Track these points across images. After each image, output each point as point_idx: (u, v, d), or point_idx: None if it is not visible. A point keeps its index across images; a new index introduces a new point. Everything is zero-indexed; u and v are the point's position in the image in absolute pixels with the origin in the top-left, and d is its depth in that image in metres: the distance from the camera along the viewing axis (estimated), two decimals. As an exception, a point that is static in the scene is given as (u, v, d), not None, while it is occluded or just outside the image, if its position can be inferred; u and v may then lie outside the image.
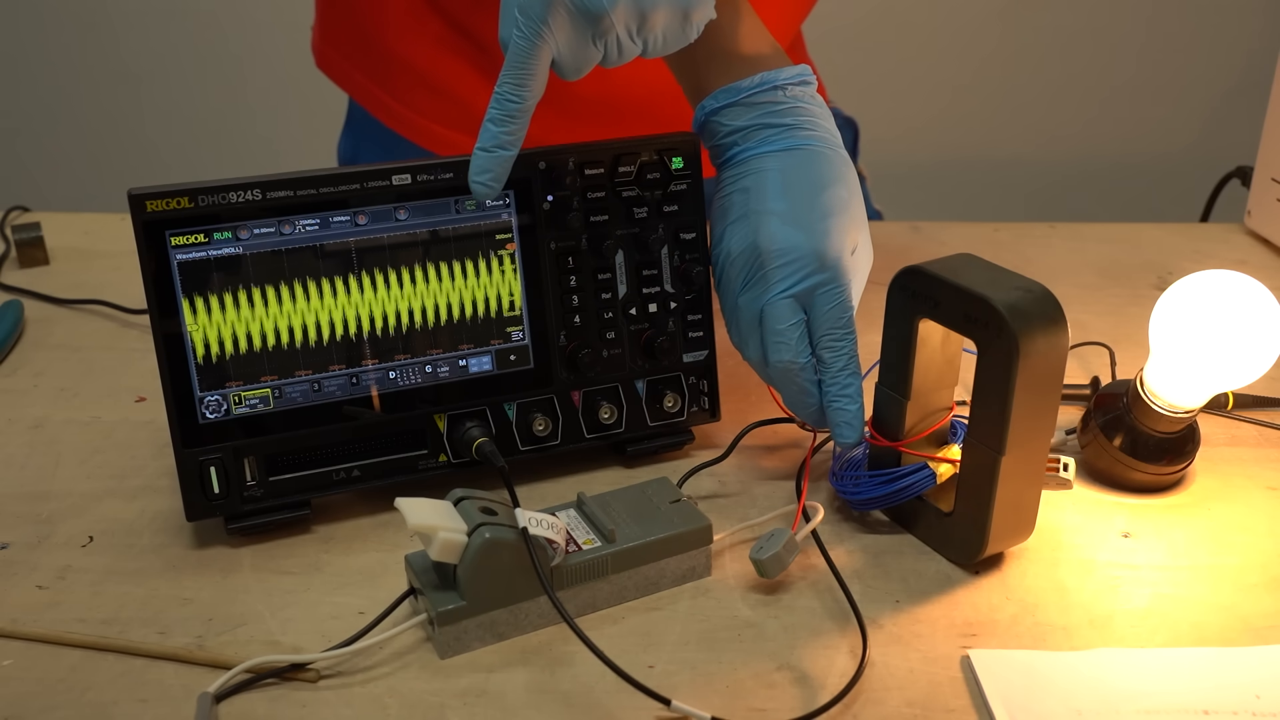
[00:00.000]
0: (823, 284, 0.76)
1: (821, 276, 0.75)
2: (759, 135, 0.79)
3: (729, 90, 0.79)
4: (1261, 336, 0.76)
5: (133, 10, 2.38)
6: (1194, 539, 0.77)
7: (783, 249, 0.76)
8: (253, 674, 0.65)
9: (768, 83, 0.78)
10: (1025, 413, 0.68)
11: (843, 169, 0.79)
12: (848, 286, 0.76)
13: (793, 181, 0.77)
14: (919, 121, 2.28)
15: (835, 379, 0.76)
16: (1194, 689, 0.64)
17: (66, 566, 0.74)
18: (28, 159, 2.49)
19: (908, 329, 0.73)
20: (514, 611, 0.68)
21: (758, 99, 0.78)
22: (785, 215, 0.76)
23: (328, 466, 0.77)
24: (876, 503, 0.76)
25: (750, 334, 0.78)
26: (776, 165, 0.78)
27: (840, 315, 0.76)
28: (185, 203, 0.71)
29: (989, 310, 0.68)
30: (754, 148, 0.79)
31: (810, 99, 0.80)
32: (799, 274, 0.76)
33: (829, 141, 0.79)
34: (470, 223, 0.77)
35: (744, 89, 0.78)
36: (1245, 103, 1.83)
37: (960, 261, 0.73)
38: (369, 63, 1.12)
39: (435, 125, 1.11)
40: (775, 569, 0.71)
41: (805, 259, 0.75)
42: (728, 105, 0.79)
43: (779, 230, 0.76)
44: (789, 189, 0.77)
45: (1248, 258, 1.19)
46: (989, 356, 0.69)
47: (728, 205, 0.79)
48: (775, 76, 0.78)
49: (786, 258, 0.76)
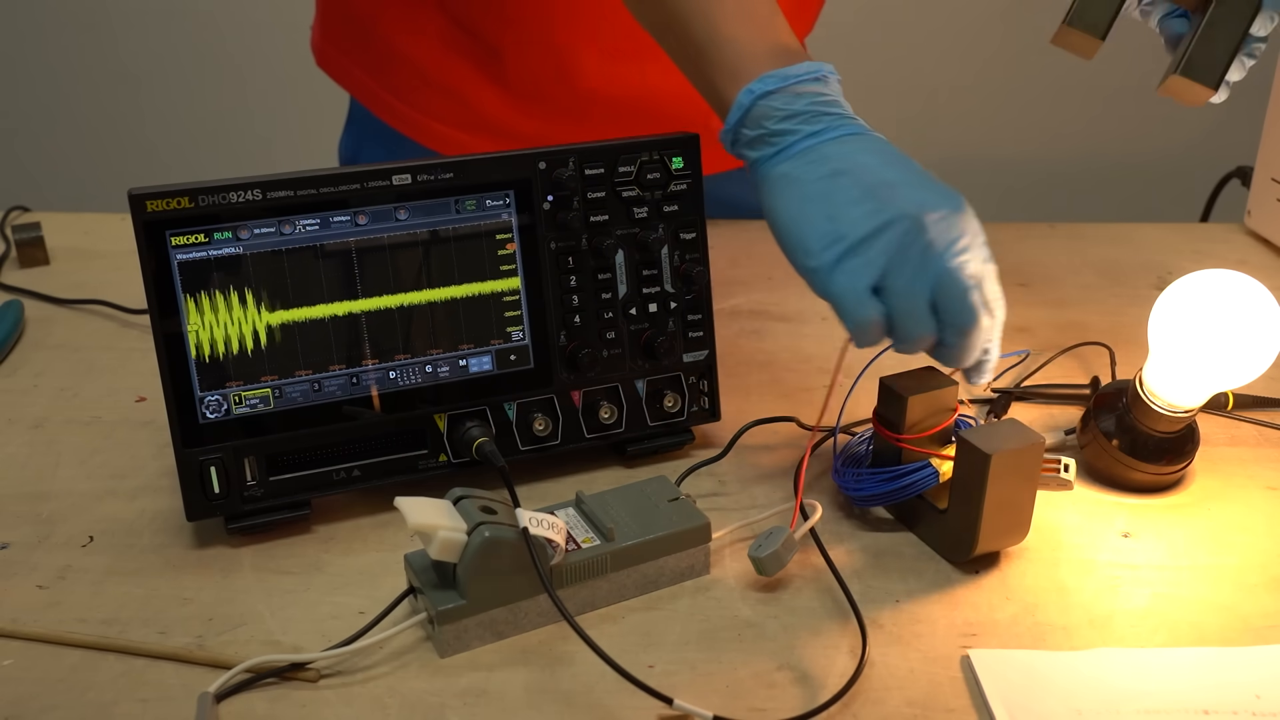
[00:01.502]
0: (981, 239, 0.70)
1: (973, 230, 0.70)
2: (820, 121, 0.73)
3: (777, 76, 0.74)
4: (1261, 336, 0.76)
5: (132, 10, 2.38)
6: (1194, 539, 0.77)
7: (935, 209, 0.69)
8: (253, 674, 0.65)
9: (814, 72, 0.74)
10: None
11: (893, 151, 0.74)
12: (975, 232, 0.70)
13: (888, 159, 0.72)
14: (919, 121, 2.28)
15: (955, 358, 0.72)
16: (1194, 689, 0.64)
17: (66, 566, 0.74)
18: (28, 159, 2.49)
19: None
20: (514, 610, 0.68)
21: (804, 87, 0.74)
22: (912, 183, 0.71)
23: (328, 466, 0.77)
24: (878, 499, 0.76)
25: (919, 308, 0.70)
26: (859, 147, 0.72)
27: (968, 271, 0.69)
28: (185, 203, 0.71)
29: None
30: (822, 133, 0.73)
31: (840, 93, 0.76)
32: (968, 234, 0.69)
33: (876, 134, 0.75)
34: (470, 223, 0.77)
35: (794, 75, 0.74)
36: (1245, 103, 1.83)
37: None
38: (370, 60, 1.12)
39: (437, 123, 1.11)
40: (774, 567, 0.71)
41: (955, 218, 0.69)
42: (777, 90, 0.73)
43: (917, 195, 0.70)
44: (890, 164, 0.72)
45: (1248, 258, 1.19)
46: (1232, 3, 0.78)
47: (821, 191, 0.72)
48: (820, 67, 0.75)
49: (943, 218, 0.69)
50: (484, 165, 0.76)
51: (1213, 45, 0.79)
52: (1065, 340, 1.00)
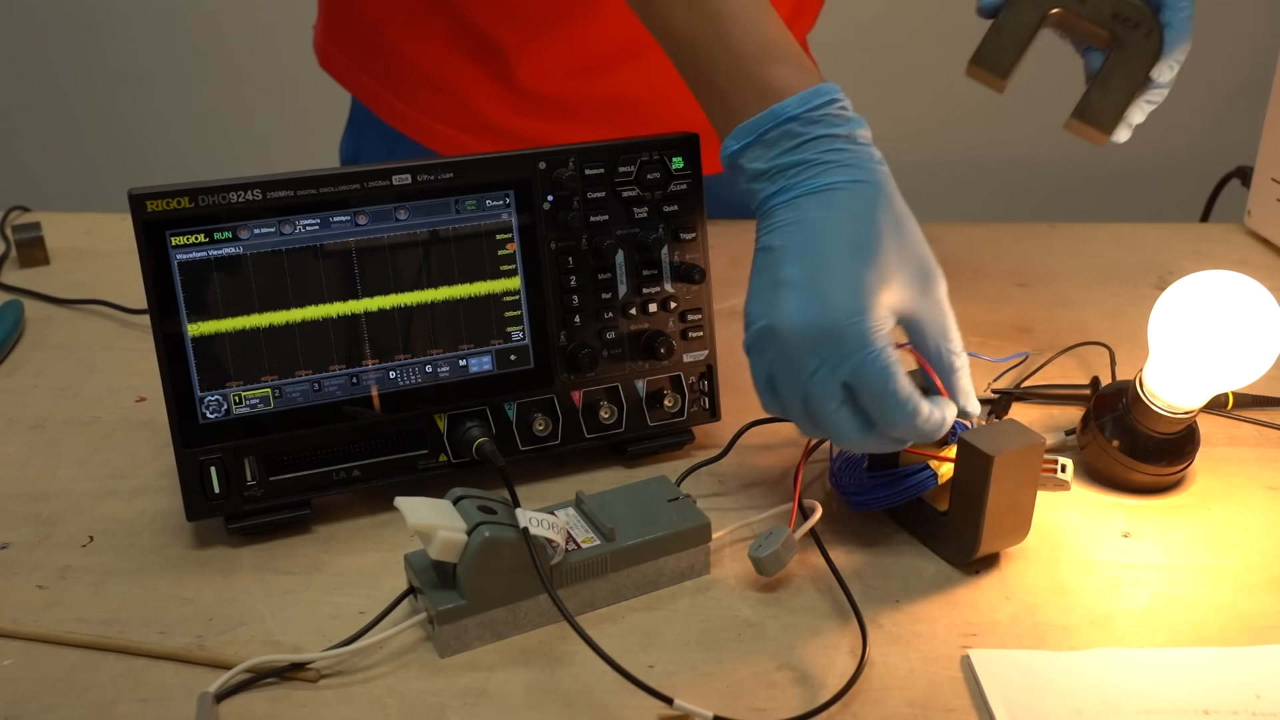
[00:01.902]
0: (848, 362, 0.67)
1: (842, 355, 0.67)
2: (781, 178, 0.70)
3: (744, 130, 0.71)
4: (1261, 337, 0.76)
5: (132, 10, 2.38)
6: (1194, 539, 0.77)
7: (801, 330, 0.67)
8: (253, 674, 0.65)
9: (779, 115, 0.70)
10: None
11: (872, 204, 0.69)
12: (878, 353, 0.67)
13: (811, 239, 0.69)
14: (920, 122, 2.28)
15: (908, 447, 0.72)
16: (1194, 689, 0.64)
17: (66, 566, 0.74)
18: (28, 159, 2.49)
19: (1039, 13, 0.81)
20: (514, 610, 0.68)
21: (772, 137, 0.70)
22: (799, 285, 0.68)
23: (328, 466, 0.77)
24: (877, 503, 0.76)
25: (798, 416, 0.71)
26: (794, 218, 0.69)
27: (881, 391, 0.67)
28: (185, 203, 0.71)
29: (1142, 11, 0.80)
30: (777, 195, 0.70)
31: (833, 122, 0.70)
32: (817, 358, 0.67)
33: (859, 170, 0.70)
34: (470, 223, 0.77)
35: (755, 127, 0.70)
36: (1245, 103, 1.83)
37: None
38: (373, 62, 1.12)
39: (439, 124, 1.11)
40: (774, 567, 0.71)
41: (823, 340, 0.67)
42: (746, 146, 0.71)
43: (794, 306, 0.68)
44: (805, 250, 0.68)
45: (1248, 258, 1.19)
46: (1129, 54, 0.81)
47: (755, 266, 0.71)
48: (784, 109, 0.70)
49: (805, 340, 0.67)
50: (484, 165, 0.76)
51: (1109, 92, 0.81)
52: (1065, 340, 1.00)
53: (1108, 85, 0.81)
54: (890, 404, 0.67)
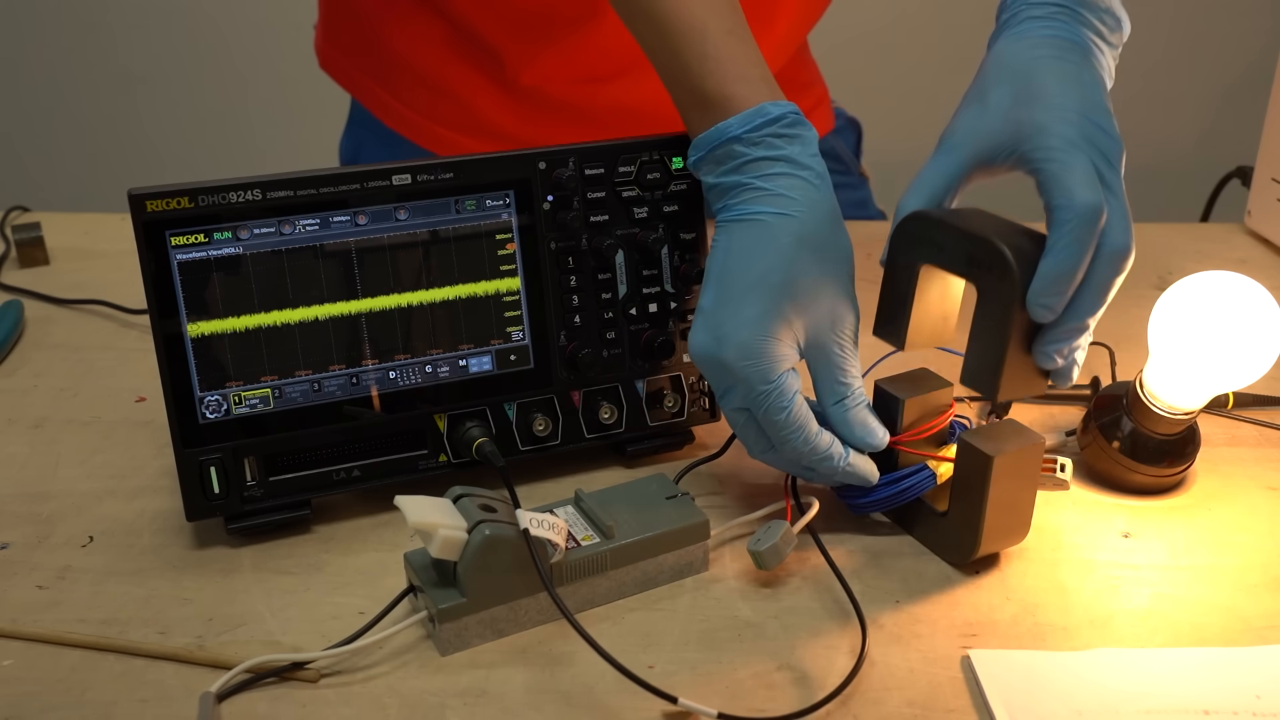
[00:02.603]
0: (745, 394, 0.71)
1: (739, 388, 0.71)
2: (723, 198, 0.73)
3: (697, 144, 0.73)
4: (1261, 337, 0.76)
5: (132, 11, 2.38)
6: (1194, 539, 0.77)
7: (701, 360, 0.72)
8: (253, 674, 0.65)
9: (723, 134, 0.71)
10: (1020, 359, 0.69)
11: (791, 240, 0.70)
12: (770, 390, 0.70)
13: (728, 269, 0.71)
14: (922, 122, 2.28)
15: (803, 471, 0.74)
16: (1194, 689, 0.64)
17: (66, 566, 0.74)
18: (28, 159, 2.49)
19: (909, 275, 0.73)
20: (514, 608, 0.68)
21: (718, 155, 0.72)
22: (707, 316, 0.72)
23: (328, 466, 0.77)
24: (876, 505, 0.76)
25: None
26: (724, 243, 0.72)
27: (773, 422, 0.71)
28: (185, 203, 0.71)
29: (992, 251, 0.67)
30: (720, 211, 0.73)
31: (774, 143, 0.71)
32: (722, 387, 0.72)
33: (789, 201, 0.70)
34: (470, 223, 0.77)
35: (705, 143, 0.72)
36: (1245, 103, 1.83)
37: (964, 211, 0.73)
38: (373, 64, 1.13)
39: (438, 126, 1.11)
40: (773, 560, 0.71)
41: (720, 373, 0.72)
42: (699, 160, 0.73)
43: (698, 337, 0.72)
44: (721, 280, 0.72)
45: (1248, 258, 1.19)
46: (989, 301, 0.68)
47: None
48: (727, 129, 0.71)
49: (706, 369, 0.73)
50: (484, 165, 0.76)
51: (976, 349, 0.70)
52: (1065, 340, 0.99)
53: (975, 342, 0.70)
54: (786, 434, 0.71)
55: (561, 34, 1.05)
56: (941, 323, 0.75)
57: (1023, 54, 0.73)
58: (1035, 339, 0.69)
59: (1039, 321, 0.68)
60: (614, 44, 1.02)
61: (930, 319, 0.74)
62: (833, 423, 0.73)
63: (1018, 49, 0.74)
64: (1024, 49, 0.73)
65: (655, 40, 0.74)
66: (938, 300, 0.74)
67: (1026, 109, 0.70)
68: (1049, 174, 0.68)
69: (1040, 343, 0.69)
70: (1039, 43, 0.73)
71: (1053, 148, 0.69)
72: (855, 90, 1.44)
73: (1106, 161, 0.69)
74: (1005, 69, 0.73)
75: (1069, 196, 0.67)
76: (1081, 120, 0.70)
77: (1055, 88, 0.71)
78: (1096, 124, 0.70)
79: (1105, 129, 0.70)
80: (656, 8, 0.73)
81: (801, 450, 0.71)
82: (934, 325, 0.75)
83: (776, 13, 1.07)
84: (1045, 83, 0.71)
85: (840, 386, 0.72)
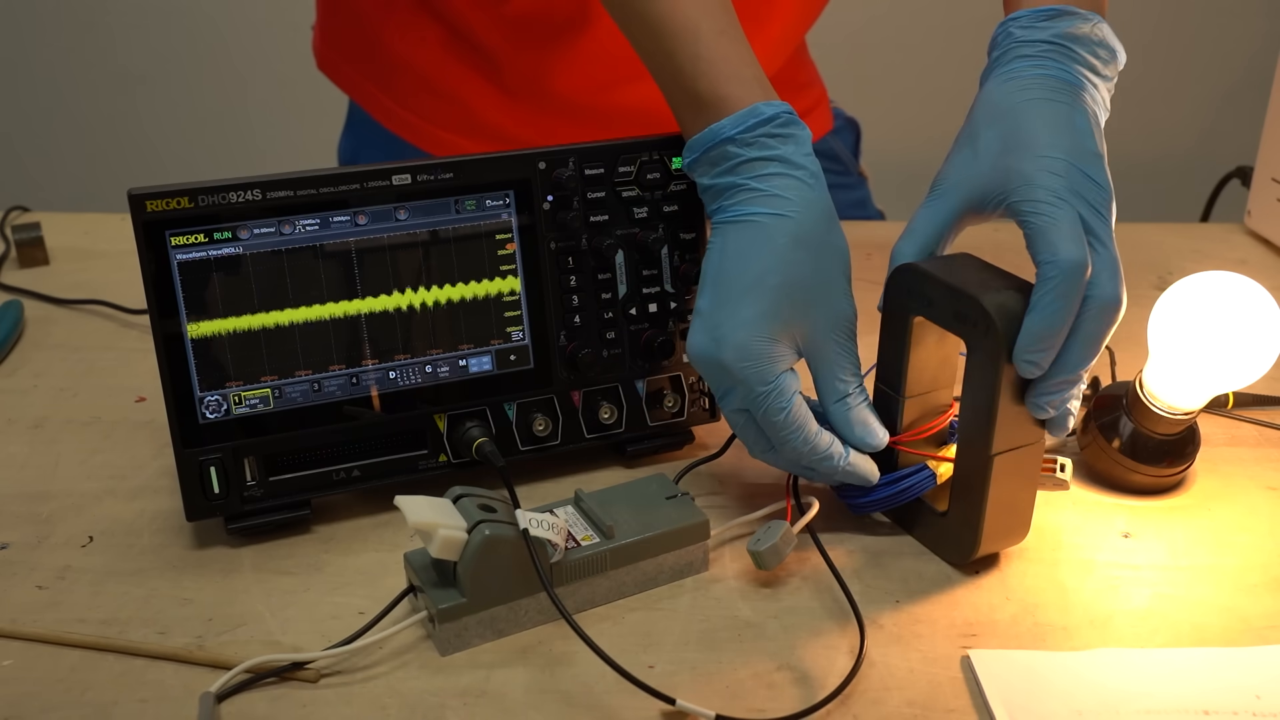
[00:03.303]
0: (744, 395, 0.71)
1: (738, 389, 0.71)
2: (717, 200, 0.73)
3: (691, 146, 0.73)
4: (1261, 337, 0.76)
5: (132, 11, 2.38)
6: (1194, 539, 0.77)
7: (700, 362, 0.72)
8: (253, 674, 0.65)
9: (716, 135, 0.71)
10: (1012, 413, 0.68)
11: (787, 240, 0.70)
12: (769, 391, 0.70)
13: (724, 271, 0.71)
14: (921, 122, 2.28)
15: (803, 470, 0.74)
16: (1194, 689, 0.64)
17: (66, 566, 0.74)
18: (28, 159, 2.49)
19: (903, 326, 0.73)
20: (514, 608, 0.68)
21: (712, 156, 0.72)
22: (705, 318, 0.72)
23: (328, 466, 0.77)
24: (876, 505, 0.76)
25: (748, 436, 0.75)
26: (719, 244, 0.72)
27: (773, 423, 0.71)
28: (185, 203, 0.71)
29: (978, 309, 0.68)
30: (715, 213, 0.73)
31: (768, 144, 0.71)
32: (721, 388, 0.72)
33: (784, 201, 0.70)
34: (470, 223, 0.77)
35: (699, 145, 0.72)
36: (1245, 103, 1.83)
37: (956, 260, 0.73)
38: (371, 66, 1.13)
39: (437, 129, 1.11)
40: (773, 560, 0.71)
41: (718, 374, 0.71)
42: (694, 161, 0.73)
43: (697, 339, 0.72)
44: (718, 281, 0.71)
45: (1248, 258, 1.19)
46: (978, 356, 0.69)
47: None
48: (721, 130, 0.71)
49: (705, 370, 0.73)
50: (484, 165, 0.76)
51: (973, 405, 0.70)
52: (1065, 340, 0.99)
53: (967, 394, 0.70)
54: (785, 434, 0.71)
55: (557, 37, 1.04)
56: (941, 367, 0.75)
57: (1013, 95, 0.72)
58: (1026, 390, 0.69)
59: (1026, 377, 0.68)
60: (610, 47, 1.02)
61: (930, 365, 0.75)
62: (833, 422, 0.73)
63: (1008, 90, 0.73)
64: (1014, 90, 0.73)
65: (648, 42, 0.74)
66: (935, 347, 0.74)
67: (1015, 157, 0.70)
68: (1035, 228, 0.68)
69: (1031, 394, 0.68)
70: (1030, 84, 0.72)
71: (1039, 200, 0.68)
72: (854, 90, 1.44)
73: (1095, 212, 0.69)
74: (995, 111, 0.73)
75: (1053, 252, 0.67)
76: (1069, 170, 0.69)
77: (1045, 135, 0.70)
78: (1085, 173, 0.69)
79: (1094, 177, 0.70)
80: (649, 9, 0.73)
81: (801, 450, 0.71)
82: (934, 371, 0.75)
83: (771, 13, 1.07)
84: (1035, 129, 0.70)
85: (841, 385, 0.72)
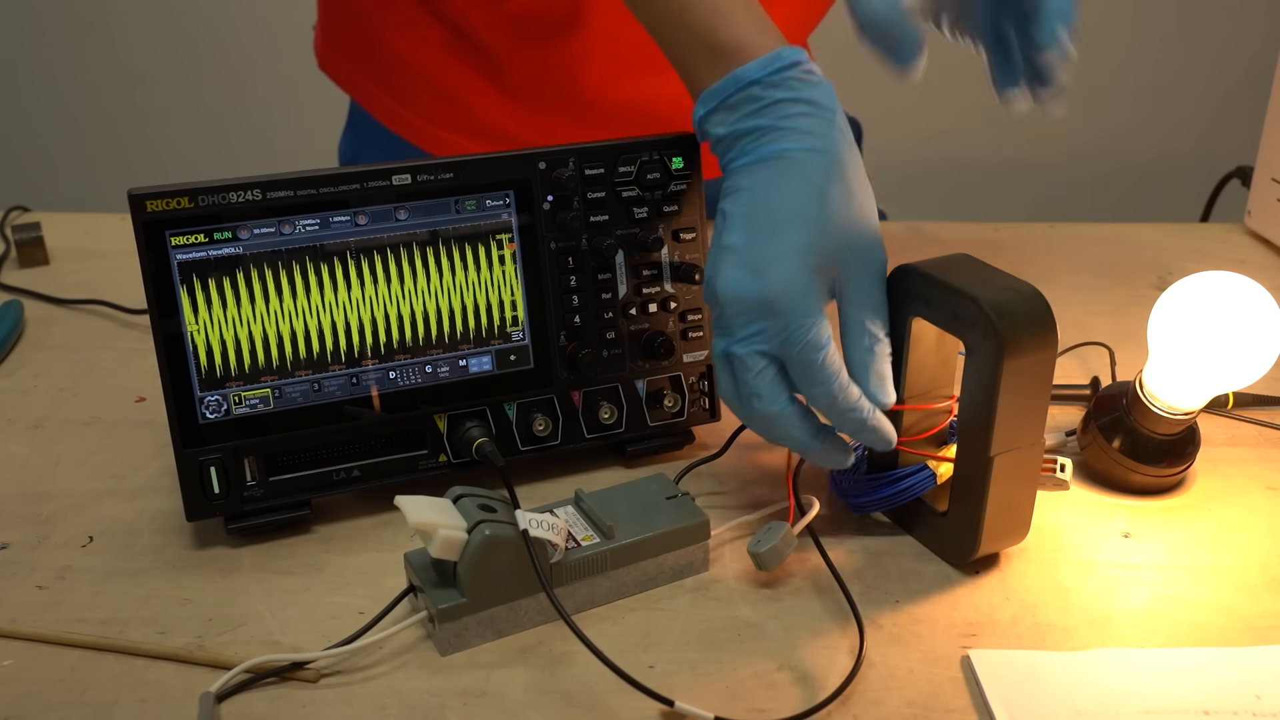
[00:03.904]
0: (781, 333, 0.69)
1: (776, 325, 0.68)
2: (738, 145, 0.71)
3: (709, 95, 0.71)
4: (1261, 337, 0.76)
5: (132, 11, 2.38)
6: (1194, 539, 0.77)
7: (735, 297, 0.69)
8: (253, 674, 0.65)
9: (740, 80, 0.70)
10: (1012, 414, 0.68)
11: (823, 174, 0.69)
12: (809, 325, 0.68)
13: (757, 206, 0.69)
14: (921, 122, 2.28)
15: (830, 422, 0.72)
16: (1194, 689, 0.64)
17: (66, 566, 0.74)
18: (28, 159, 2.49)
19: (902, 327, 0.73)
20: (514, 608, 0.68)
21: (734, 101, 0.71)
22: (740, 253, 0.69)
23: (328, 466, 0.77)
24: (875, 505, 0.76)
25: (723, 372, 0.72)
26: (747, 184, 0.70)
27: (810, 359, 0.68)
28: (185, 203, 0.71)
29: (976, 310, 0.68)
30: (735, 159, 0.71)
31: (795, 86, 0.70)
32: (753, 326, 0.69)
33: (815, 137, 0.70)
34: (470, 223, 0.77)
35: (720, 92, 0.71)
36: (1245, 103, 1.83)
37: (954, 261, 0.73)
38: (372, 66, 1.12)
39: (438, 129, 1.11)
40: (773, 561, 0.71)
41: (756, 309, 0.68)
42: (710, 112, 0.72)
43: (732, 274, 0.69)
44: (750, 217, 0.69)
45: (1248, 258, 1.19)
46: (976, 357, 0.69)
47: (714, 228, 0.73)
48: (745, 73, 0.70)
49: (738, 307, 0.69)
50: (484, 165, 0.76)
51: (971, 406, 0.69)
52: (1065, 340, 0.99)
53: (965, 395, 0.70)
54: (819, 377, 0.69)
55: (556, 35, 1.04)
56: (940, 368, 0.75)
57: None
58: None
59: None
60: (609, 45, 1.02)
61: (929, 366, 0.74)
62: (853, 369, 0.71)
63: None
64: None
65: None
66: (934, 348, 0.74)
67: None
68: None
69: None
70: None
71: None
72: (855, 90, 1.44)
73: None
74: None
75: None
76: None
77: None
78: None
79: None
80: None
81: (834, 397, 0.69)
82: (933, 372, 0.75)
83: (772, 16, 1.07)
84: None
85: (871, 330, 0.70)
